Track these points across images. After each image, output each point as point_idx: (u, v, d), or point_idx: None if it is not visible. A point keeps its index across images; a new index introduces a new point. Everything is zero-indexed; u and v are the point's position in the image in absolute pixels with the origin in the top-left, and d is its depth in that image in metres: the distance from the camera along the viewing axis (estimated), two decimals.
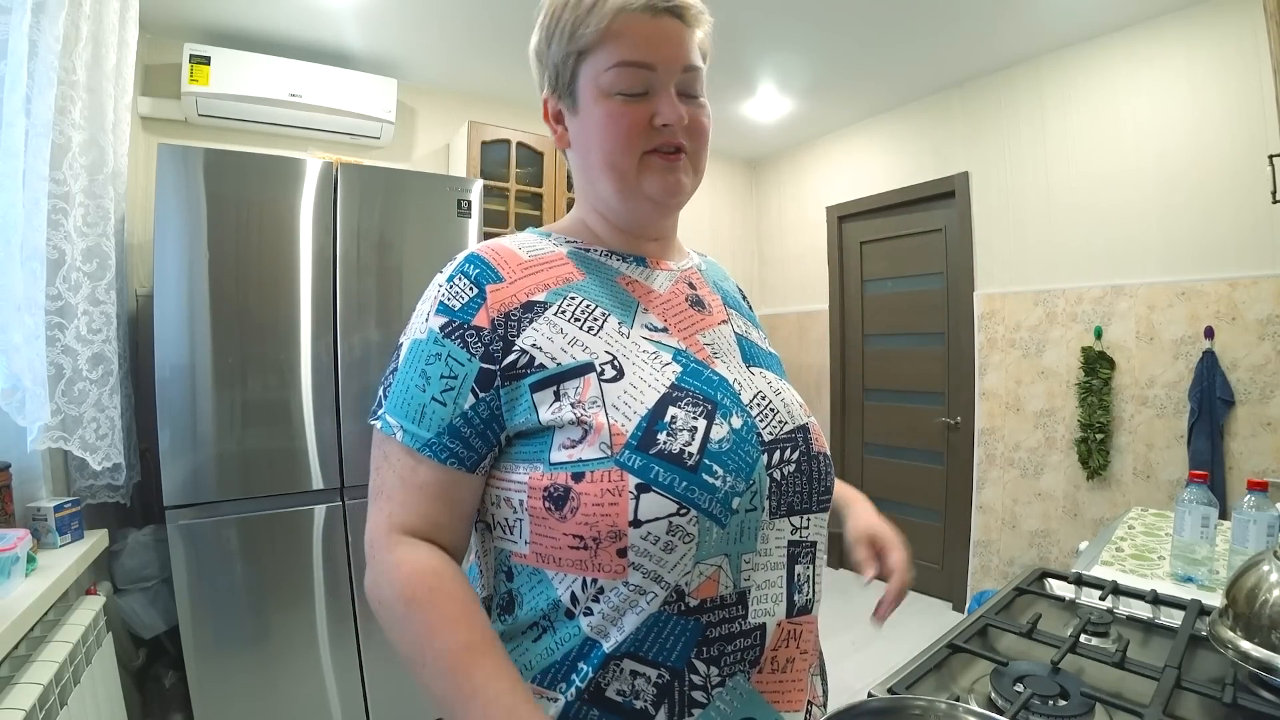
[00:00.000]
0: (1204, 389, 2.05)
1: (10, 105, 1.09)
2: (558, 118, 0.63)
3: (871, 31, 2.31)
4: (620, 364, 0.54)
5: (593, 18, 0.55)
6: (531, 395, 0.53)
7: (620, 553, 0.49)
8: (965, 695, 0.75)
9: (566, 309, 0.56)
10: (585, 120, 0.59)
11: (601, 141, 0.58)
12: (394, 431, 0.53)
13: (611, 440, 0.50)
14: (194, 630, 1.60)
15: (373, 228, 1.85)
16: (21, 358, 1.09)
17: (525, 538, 0.53)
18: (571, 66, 0.58)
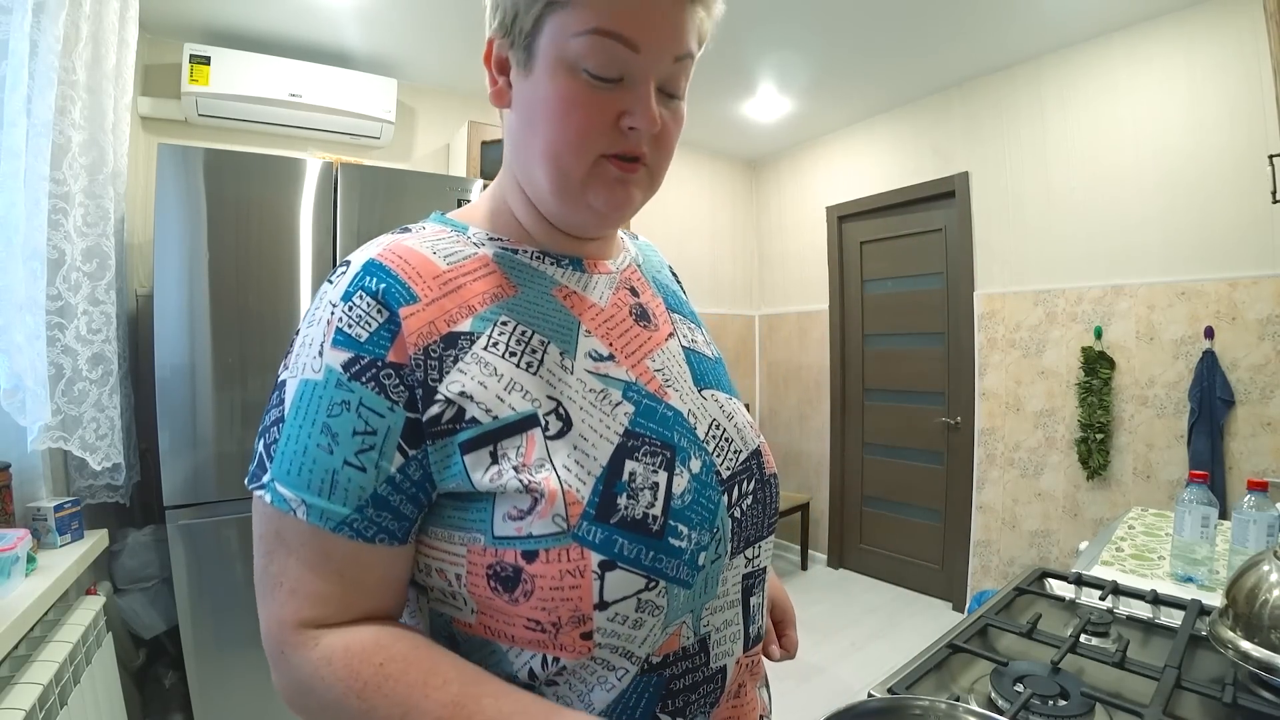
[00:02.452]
0: (1204, 389, 2.05)
1: (11, 105, 1.09)
2: (501, 66, 0.49)
3: (871, 31, 2.31)
4: (566, 411, 0.45)
5: None
6: (463, 457, 0.42)
7: (585, 635, 0.42)
8: (965, 695, 0.75)
9: (499, 340, 0.45)
10: (537, 90, 0.46)
11: (551, 128, 0.46)
12: (292, 508, 0.41)
13: (567, 511, 0.42)
14: (194, 630, 1.60)
15: (373, 228, 1.85)
16: (23, 357, 1.09)
17: (471, 607, 0.44)
18: (537, 13, 0.44)
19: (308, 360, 0.42)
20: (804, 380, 3.66)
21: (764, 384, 3.95)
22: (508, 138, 0.51)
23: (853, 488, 3.42)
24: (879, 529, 3.30)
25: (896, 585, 3.19)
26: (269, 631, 0.43)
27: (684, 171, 3.62)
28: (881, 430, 3.28)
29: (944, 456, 2.97)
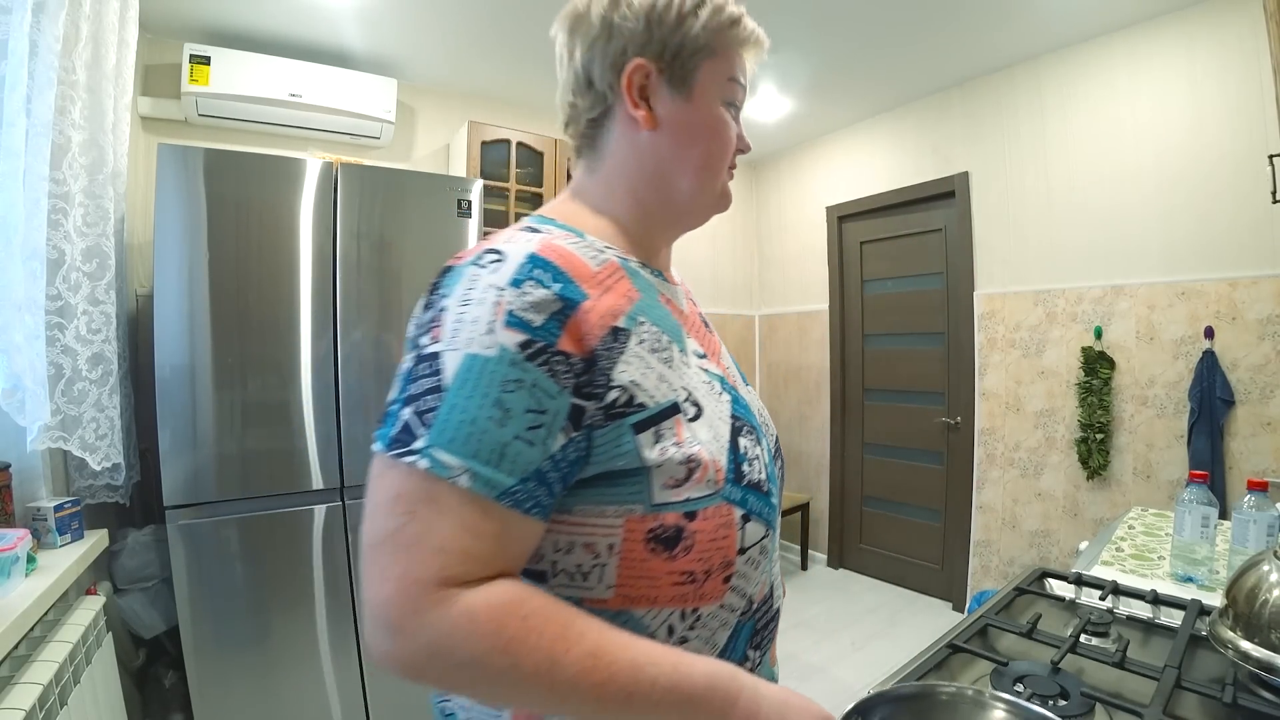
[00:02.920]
0: (1204, 389, 2.05)
1: (11, 105, 1.09)
2: (642, 94, 0.57)
3: (871, 31, 2.31)
4: (696, 399, 0.53)
5: (735, 30, 0.60)
6: (635, 436, 0.48)
7: (726, 579, 0.52)
8: None
9: (645, 338, 0.51)
10: (696, 116, 0.58)
11: (710, 144, 0.59)
12: (454, 474, 0.42)
13: (716, 477, 0.51)
14: (194, 630, 1.60)
15: (373, 228, 1.85)
16: (22, 357, 1.09)
17: (609, 582, 0.49)
18: (697, 59, 0.58)
19: (474, 336, 0.44)
20: (804, 380, 3.66)
21: (764, 384, 3.95)
22: (644, 156, 0.59)
23: (853, 488, 3.42)
24: (879, 529, 3.30)
25: (896, 585, 3.19)
26: (399, 591, 0.41)
27: None
28: (881, 430, 3.28)
29: (944, 456, 2.97)
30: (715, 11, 0.58)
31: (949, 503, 2.93)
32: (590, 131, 0.60)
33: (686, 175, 0.59)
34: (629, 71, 0.57)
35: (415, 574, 0.41)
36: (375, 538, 0.43)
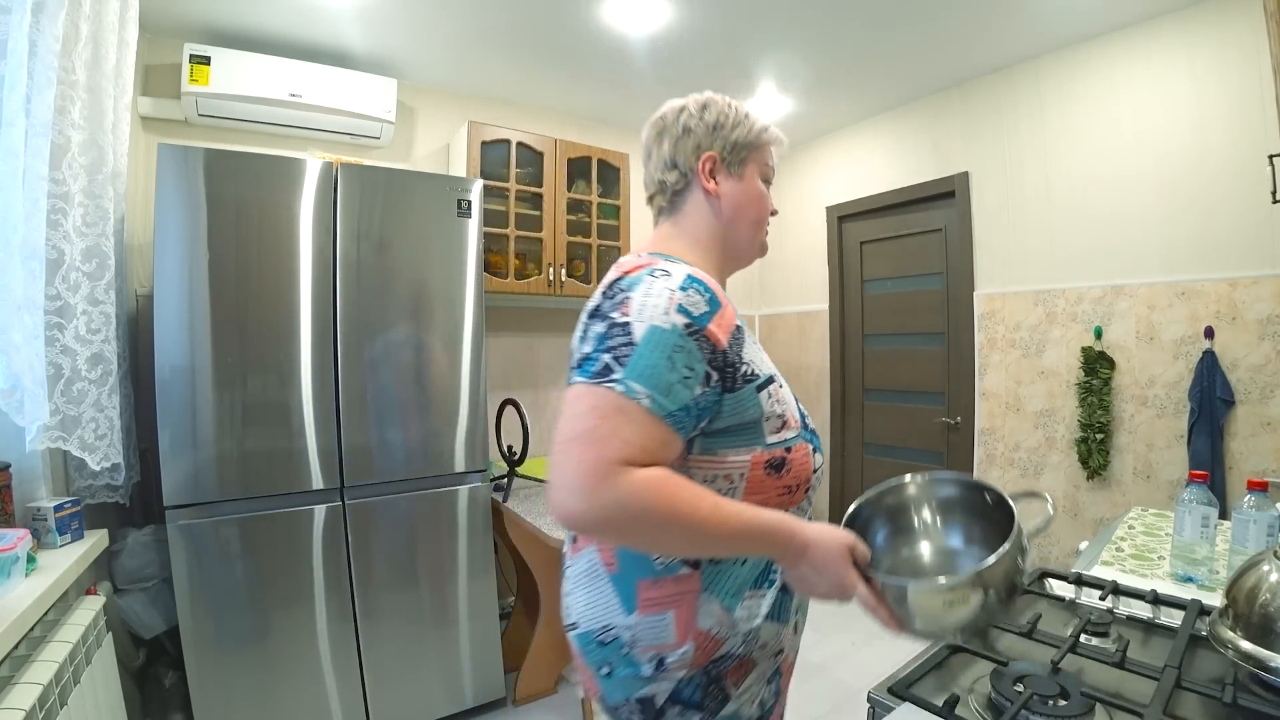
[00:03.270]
0: (1204, 389, 2.05)
1: (10, 105, 1.09)
2: (711, 174, 0.88)
3: (871, 31, 2.31)
4: (776, 375, 0.80)
5: (765, 135, 0.91)
6: (758, 394, 0.75)
7: (806, 491, 0.82)
8: (965, 695, 0.75)
9: (746, 335, 0.78)
10: (747, 189, 0.89)
11: (758, 209, 0.90)
12: (639, 397, 0.65)
13: (795, 424, 0.79)
14: (194, 630, 1.60)
15: (373, 228, 1.85)
16: (21, 357, 1.09)
17: (738, 498, 0.74)
18: (745, 151, 0.89)
19: (656, 315, 0.69)
20: (804, 380, 3.65)
21: None
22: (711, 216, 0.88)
23: (853, 488, 3.42)
24: None
25: None
26: (593, 468, 0.62)
27: None
28: (881, 430, 3.28)
29: (944, 456, 2.97)
30: (753, 123, 0.90)
31: None
32: (675, 200, 0.91)
33: (743, 231, 0.90)
34: (703, 159, 0.87)
35: (606, 455, 0.62)
36: (572, 434, 0.65)
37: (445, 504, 1.98)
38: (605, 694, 0.80)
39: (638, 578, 0.76)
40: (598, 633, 0.78)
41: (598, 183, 2.89)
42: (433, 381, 1.95)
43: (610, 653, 0.77)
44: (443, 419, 1.97)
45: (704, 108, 0.91)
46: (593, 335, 0.70)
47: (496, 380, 2.94)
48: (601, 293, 0.75)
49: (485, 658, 2.06)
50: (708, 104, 0.91)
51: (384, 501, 1.87)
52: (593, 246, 2.87)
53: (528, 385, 3.06)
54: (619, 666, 0.77)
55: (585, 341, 0.71)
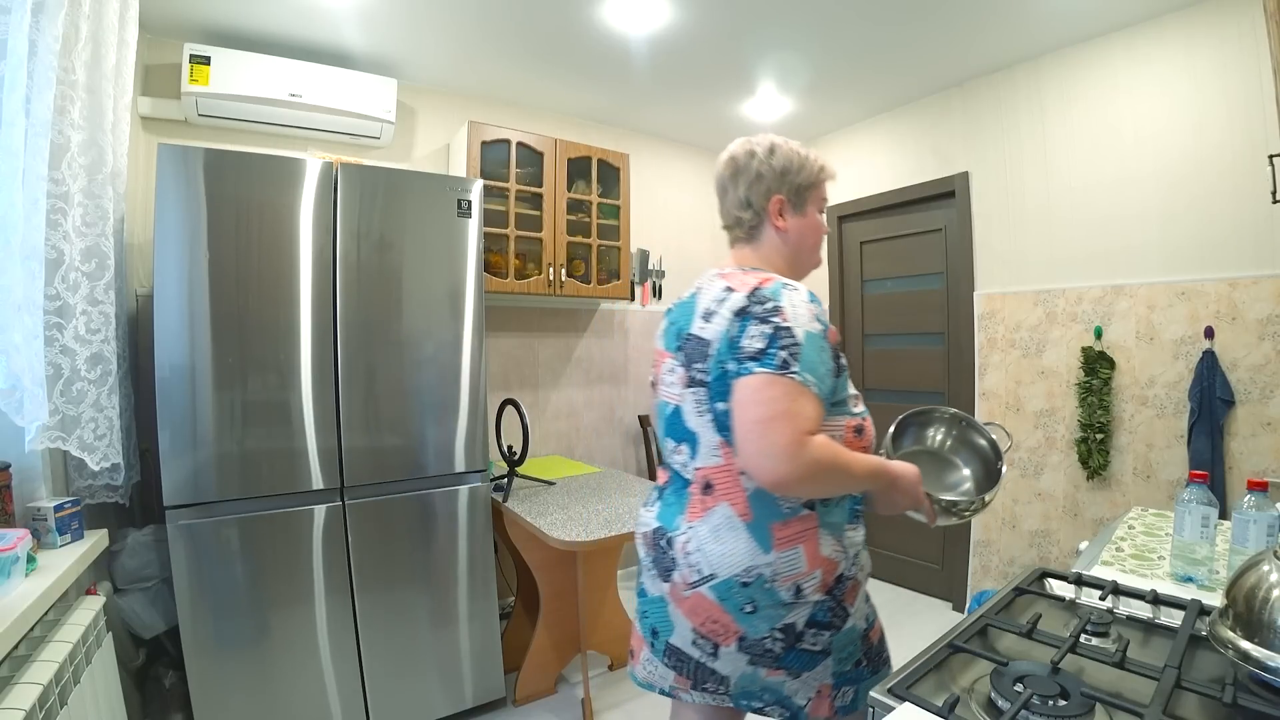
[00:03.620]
0: (1204, 389, 2.05)
1: (10, 105, 1.09)
2: (779, 212, 1.09)
3: (871, 31, 2.31)
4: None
5: (822, 173, 1.12)
6: (848, 380, 1.02)
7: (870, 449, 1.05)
8: (965, 695, 0.75)
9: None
10: (808, 222, 1.11)
11: (816, 236, 1.13)
12: (810, 384, 0.89)
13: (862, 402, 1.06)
14: (194, 630, 1.60)
15: (373, 228, 1.85)
16: (21, 357, 1.09)
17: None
18: (805, 191, 1.10)
19: (806, 322, 0.92)
20: None
21: None
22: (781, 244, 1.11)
23: None
24: (879, 529, 3.29)
25: (896, 585, 3.19)
26: (793, 439, 0.85)
27: (684, 172, 3.62)
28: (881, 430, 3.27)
29: None
30: (812, 165, 1.11)
31: None
32: (751, 232, 1.12)
33: (807, 256, 1.14)
34: (773, 202, 1.09)
35: (800, 428, 0.86)
36: (771, 414, 0.86)
37: (445, 504, 1.98)
38: (748, 630, 0.95)
39: (771, 521, 0.95)
40: (740, 575, 0.94)
41: (598, 183, 2.89)
42: (433, 381, 1.95)
43: (754, 591, 0.94)
44: (443, 419, 1.97)
45: (771, 152, 1.08)
46: (760, 335, 0.91)
47: (496, 380, 2.94)
48: (746, 296, 0.95)
49: (485, 658, 2.06)
50: (774, 148, 1.09)
51: (384, 501, 1.87)
52: (593, 246, 2.87)
53: (528, 385, 3.06)
54: (763, 601, 0.94)
55: (751, 338, 0.91)
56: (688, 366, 1.02)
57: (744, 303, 0.94)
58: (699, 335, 1.00)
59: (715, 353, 0.96)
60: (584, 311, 3.23)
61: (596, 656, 2.46)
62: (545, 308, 3.10)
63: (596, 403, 3.28)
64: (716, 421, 0.97)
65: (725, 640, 0.96)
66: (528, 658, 2.17)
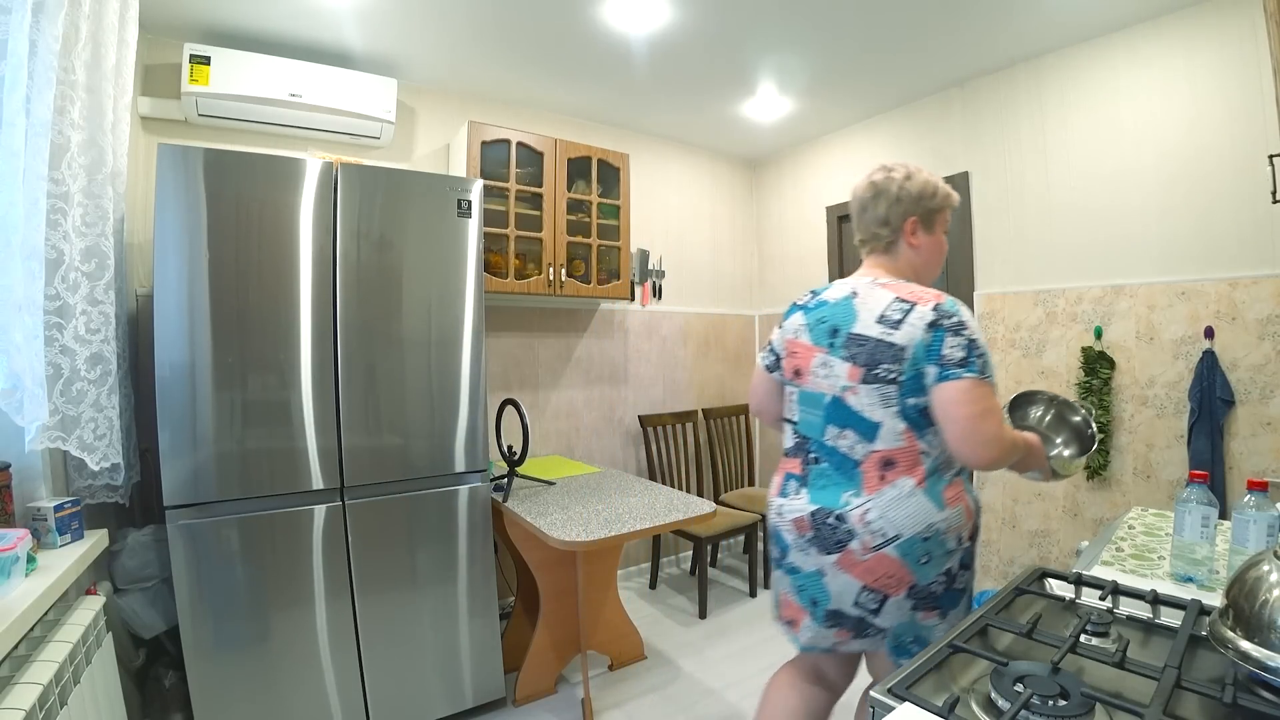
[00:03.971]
0: (1204, 389, 2.05)
1: (10, 105, 1.09)
2: (914, 230, 1.29)
3: (871, 31, 2.31)
4: None
5: (948, 200, 1.32)
6: None
7: None
8: (965, 695, 0.75)
9: None
10: (935, 240, 1.32)
11: (940, 253, 1.35)
12: (994, 385, 1.14)
13: None
14: (194, 630, 1.60)
15: (373, 228, 1.85)
16: (22, 357, 1.09)
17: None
18: (934, 215, 1.30)
19: (978, 333, 1.13)
20: None
21: None
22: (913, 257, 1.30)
23: None
24: None
25: None
26: (997, 428, 1.10)
27: (684, 172, 3.62)
28: None
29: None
30: (940, 191, 1.31)
31: None
32: (887, 246, 1.31)
33: (934, 269, 1.34)
34: (908, 223, 1.28)
35: (999, 419, 1.11)
36: (979, 410, 1.08)
37: (445, 504, 1.98)
38: (919, 579, 1.15)
39: (940, 487, 1.16)
40: (922, 532, 1.14)
41: (598, 183, 2.89)
42: (433, 381, 1.95)
43: (930, 544, 1.14)
44: (442, 419, 1.97)
45: (908, 178, 1.28)
46: (958, 345, 1.11)
47: (496, 380, 2.94)
48: (933, 310, 1.14)
49: (485, 658, 2.06)
50: (910, 175, 1.29)
51: (384, 502, 1.87)
52: (593, 246, 2.87)
53: (528, 385, 3.06)
54: (935, 551, 1.15)
55: (951, 348, 1.11)
56: (867, 364, 1.17)
57: (933, 316, 1.13)
58: (884, 340, 1.16)
59: (910, 357, 1.13)
60: (584, 311, 3.23)
61: (596, 656, 2.46)
62: (545, 308, 3.10)
63: (596, 403, 3.28)
64: (904, 412, 1.15)
65: (896, 591, 1.15)
66: (528, 658, 2.17)
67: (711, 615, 2.90)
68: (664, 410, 3.51)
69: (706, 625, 2.79)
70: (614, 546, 1.85)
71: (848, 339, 1.20)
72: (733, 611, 2.94)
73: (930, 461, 1.16)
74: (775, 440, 3.83)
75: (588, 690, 2.10)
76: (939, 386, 1.11)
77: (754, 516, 3.08)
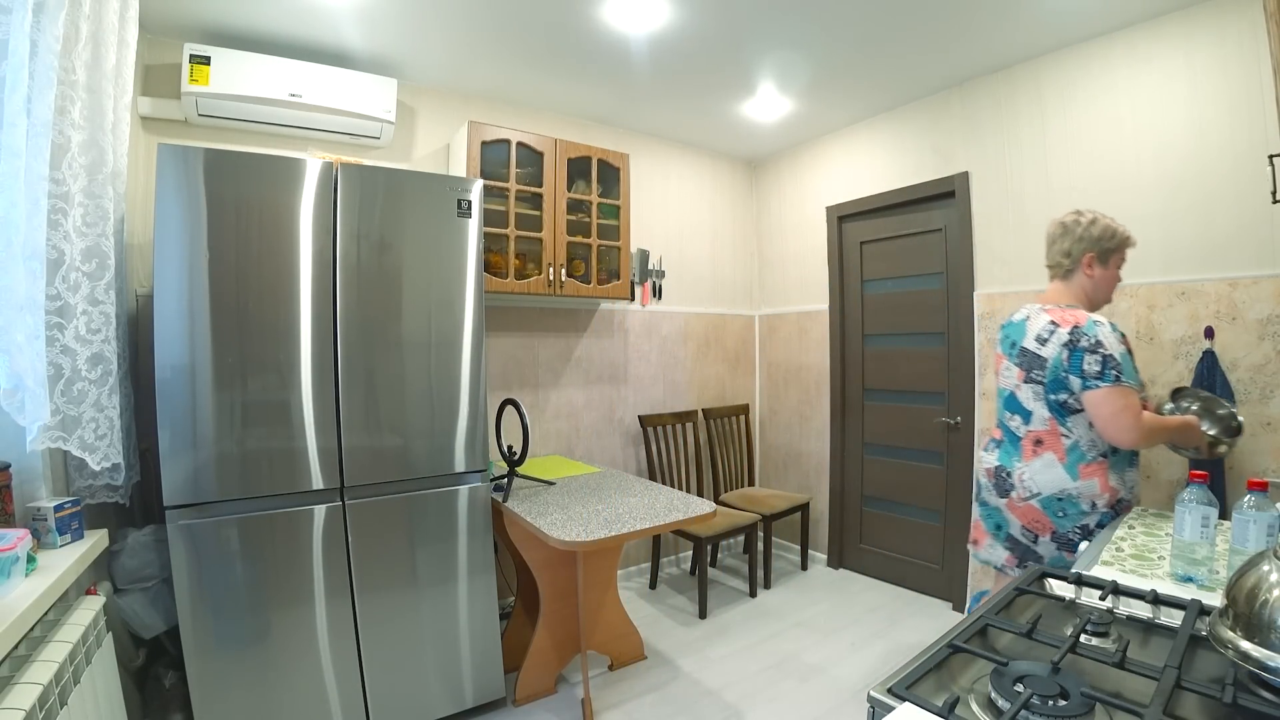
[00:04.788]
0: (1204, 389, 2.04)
1: (11, 105, 1.09)
2: (1090, 264, 1.68)
3: (871, 31, 2.31)
4: None
5: (1125, 242, 1.70)
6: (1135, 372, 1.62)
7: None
8: (965, 695, 0.75)
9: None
10: (1108, 274, 1.70)
11: (1112, 284, 1.73)
12: (1132, 385, 1.52)
13: None
14: (194, 630, 1.60)
15: (373, 228, 1.85)
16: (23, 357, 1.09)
17: None
18: (1109, 254, 1.69)
19: (1117, 347, 1.54)
20: (804, 380, 3.66)
21: (764, 384, 3.95)
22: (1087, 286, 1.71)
23: (853, 488, 3.42)
24: (879, 529, 3.30)
25: (896, 585, 3.19)
26: (1135, 419, 1.51)
27: (684, 172, 3.62)
28: (881, 430, 3.28)
29: (944, 456, 2.97)
30: (1119, 234, 1.69)
31: (949, 503, 2.93)
32: (1067, 274, 1.72)
33: (1101, 292, 1.71)
34: (1087, 258, 1.69)
35: (1136, 412, 1.52)
36: (1119, 408, 1.51)
37: (445, 504, 1.98)
38: (1058, 527, 1.59)
39: (1078, 463, 1.58)
40: (1056, 494, 1.59)
41: (598, 183, 2.89)
42: (433, 381, 1.95)
43: (1065, 503, 1.58)
44: (443, 419, 1.97)
45: (1092, 223, 1.69)
46: (1095, 360, 1.51)
47: (496, 380, 2.94)
48: (1069, 332, 1.57)
49: (485, 658, 2.06)
50: (1095, 221, 1.69)
51: (384, 502, 1.87)
52: (593, 246, 2.87)
53: (528, 385, 3.06)
54: (1069, 510, 1.58)
55: (1090, 364, 1.52)
56: (1027, 370, 1.66)
57: (1069, 338, 1.56)
58: (1036, 352, 1.63)
59: (1050, 367, 1.60)
60: (584, 311, 3.23)
61: (596, 656, 2.46)
62: (545, 308, 3.10)
63: (596, 403, 3.29)
64: (1049, 405, 1.62)
65: (1043, 533, 1.62)
66: (528, 658, 2.17)
67: (711, 615, 2.90)
68: (664, 410, 3.51)
69: (706, 625, 2.79)
70: (614, 546, 1.85)
71: (1020, 351, 1.69)
72: (733, 611, 2.94)
73: (1069, 442, 1.59)
74: (775, 440, 3.84)
75: (588, 690, 2.10)
76: (1085, 394, 1.54)
77: (754, 516, 3.08)
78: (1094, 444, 1.57)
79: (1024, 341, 1.67)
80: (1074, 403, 1.58)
